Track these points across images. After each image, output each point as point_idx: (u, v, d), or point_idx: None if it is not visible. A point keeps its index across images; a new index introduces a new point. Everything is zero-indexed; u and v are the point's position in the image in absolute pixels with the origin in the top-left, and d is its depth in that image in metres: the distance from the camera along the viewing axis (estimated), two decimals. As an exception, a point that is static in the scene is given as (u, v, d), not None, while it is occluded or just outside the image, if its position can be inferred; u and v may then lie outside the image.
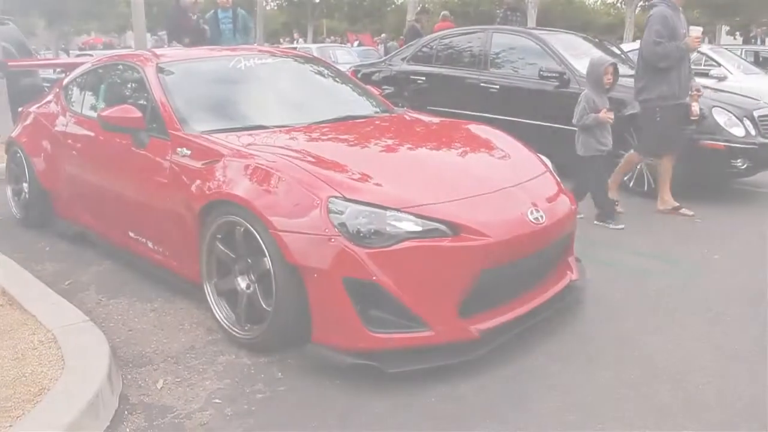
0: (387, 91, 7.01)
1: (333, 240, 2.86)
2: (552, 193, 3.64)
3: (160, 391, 2.90)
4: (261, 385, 2.95)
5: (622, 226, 5.30)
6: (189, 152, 3.60)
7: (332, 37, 35.86)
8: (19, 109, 5.85)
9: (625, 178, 6.34)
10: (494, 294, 3.17)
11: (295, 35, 36.46)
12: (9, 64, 6.79)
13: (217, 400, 2.82)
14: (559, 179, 3.87)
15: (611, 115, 5.27)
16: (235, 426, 2.65)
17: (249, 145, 3.53)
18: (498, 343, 3.10)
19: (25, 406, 2.52)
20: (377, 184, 3.14)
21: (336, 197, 2.96)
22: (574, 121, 5.37)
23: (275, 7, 43.90)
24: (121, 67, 4.84)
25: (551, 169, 3.93)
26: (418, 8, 16.33)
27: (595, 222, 5.36)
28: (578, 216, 3.98)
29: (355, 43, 27.76)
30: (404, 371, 2.90)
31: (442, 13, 15.65)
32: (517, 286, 3.31)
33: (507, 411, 2.74)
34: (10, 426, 2.38)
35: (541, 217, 3.28)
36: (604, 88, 5.39)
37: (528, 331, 3.29)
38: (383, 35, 32.86)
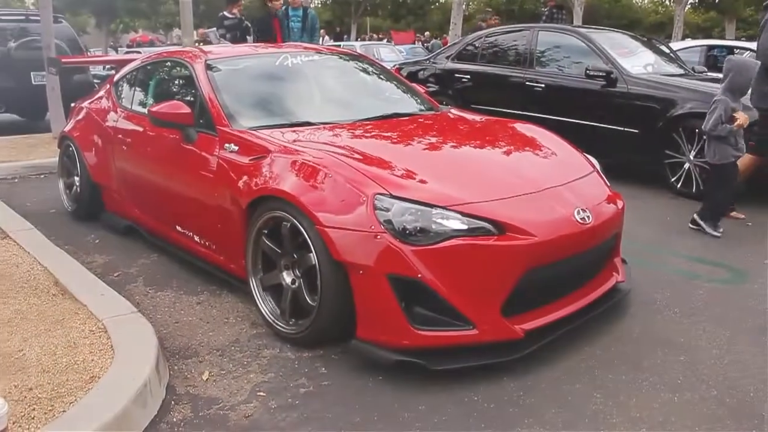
0: (431, 89, 7.01)
1: (379, 237, 2.87)
2: (599, 193, 3.60)
3: (206, 383, 2.94)
4: (305, 380, 2.97)
5: (720, 233, 5.05)
6: (236, 148, 3.65)
7: (379, 35, 35.86)
8: (72, 105, 5.99)
9: (672, 179, 6.23)
10: (539, 294, 3.15)
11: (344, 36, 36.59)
12: (62, 60, 6.96)
13: (261, 393, 2.86)
14: (606, 179, 3.82)
15: (747, 118, 4.91)
16: (279, 419, 2.68)
17: (295, 141, 3.56)
18: (543, 344, 3.08)
19: (77, 393, 2.58)
20: (423, 182, 3.14)
21: (382, 194, 2.97)
22: (706, 128, 4.98)
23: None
24: (170, 64, 4.92)
25: (598, 169, 3.88)
26: (487, 13, 16.17)
27: (695, 216, 5.17)
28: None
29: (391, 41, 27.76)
30: (448, 369, 2.91)
31: (487, 15, 15.59)
32: (563, 286, 3.29)
33: (551, 411, 2.71)
34: (64, 411, 2.44)
35: (588, 217, 3.25)
36: (743, 94, 5.03)
37: (573, 332, 3.25)
38: (426, 33, 32.83)
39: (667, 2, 36.39)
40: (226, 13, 10.00)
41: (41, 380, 2.69)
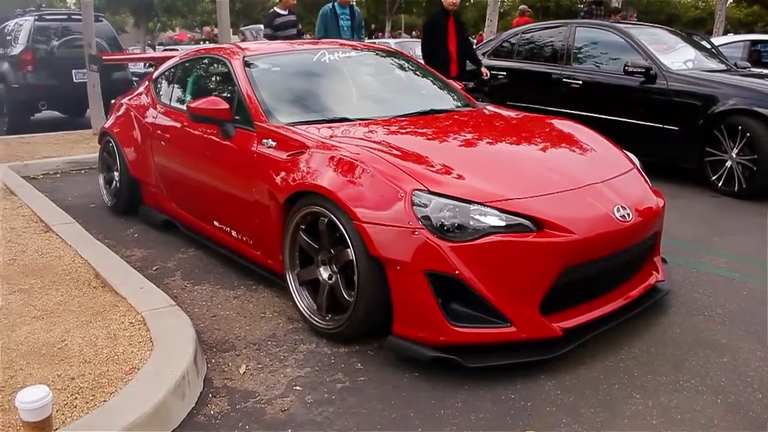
0: (467, 87, 6.97)
1: (416, 233, 2.86)
2: (639, 191, 3.54)
3: (243, 376, 2.96)
4: (341, 375, 2.98)
5: None
6: (274, 143, 3.67)
7: (414, 32, 35.79)
8: (112, 101, 6.09)
9: (713, 178, 6.11)
10: (578, 292, 3.11)
11: (379, 33, 36.56)
12: (104, 58, 7.10)
13: (297, 388, 2.87)
14: (646, 177, 3.76)
15: None
16: (316, 414, 2.68)
17: (332, 137, 3.57)
18: (581, 342, 3.04)
19: (118, 383, 2.63)
20: (461, 178, 3.12)
21: (420, 190, 2.96)
22: None
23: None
24: (208, 60, 4.97)
25: (638, 166, 3.82)
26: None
27: None
28: None
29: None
30: (485, 366, 2.89)
31: (520, 8, 15.44)
32: (602, 284, 3.24)
33: (589, 411, 2.68)
34: (104, 401, 2.48)
35: (628, 215, 3.20)
36: None
37: (612, 331, 3.21)
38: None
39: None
40: (278, 9, 9.24)
41: (83, 370, 2.74)
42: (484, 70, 7.92)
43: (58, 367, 2.77)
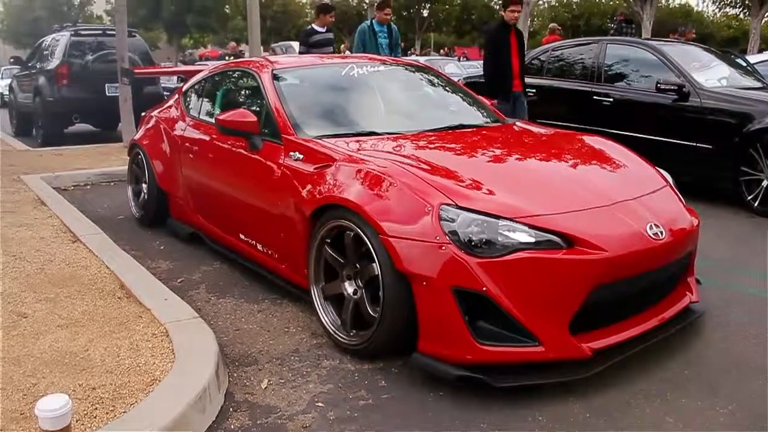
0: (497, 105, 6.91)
1: (443, 248, 2.81)
2: (673, 209, 3.45)
3: (265, 391, 2.92)
4: (364, 392, 2.92)
5: None
6: (301, 156, 3.65)
7: (444, 50, 35.90)
8: (142, 114, 6.14)
9: (749, 197, 5.97)
10: (609, 311, 3.03)
11: (411, 50, 36.70)
12: (135, 71, 7.21)
13: (320, 404, 2.81)
14: (680, 195, 3.67)
15: None
16: (338, 430, 2.62)
17: (360, 150, 3.54)
18: (611, 364, 2.95)
19: (138, 395, 2.60)
20: (489, 193, 3.06)
21: (448, 205, 2.90)
22: None
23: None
24: (237, 73, 4.99)
25: (671, 184, 3.73)
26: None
27: None
28: None
29: (462, 57, 27.65)
30: (512, 386, 2.81)
31: (550, 26, 15.40)
32: (634, 304, 3.15)
33: (621, 436, 2.59)
34: (125, 412, 2.45)
35: (661, 233, 3.11)
36: None
37: (644, 353, 3.11)
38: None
39: (742, 15, 35.21)
40: (315, 26, 9.00)
41: (104, 380, 2.71)
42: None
43: (80, 376, 2.75)
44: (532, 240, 2.84)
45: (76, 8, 39.59)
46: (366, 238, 3.04)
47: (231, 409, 2.77)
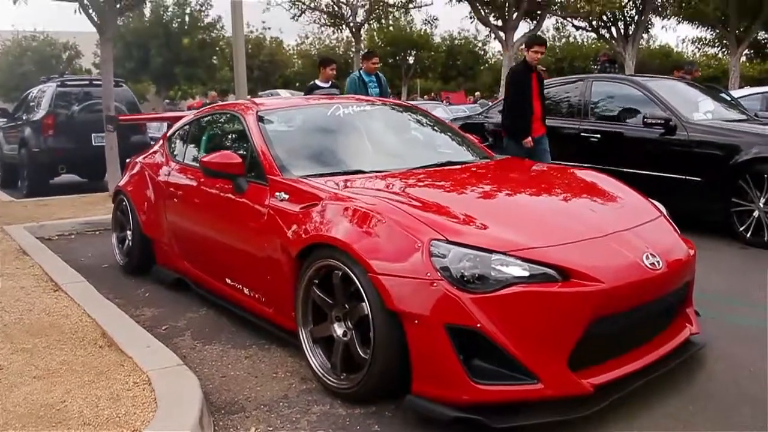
0: (486, 144, 6.88)
1: (435, 284, 2.71)
2: (668, 239, 3.39)
3: (253, 440, 2.78)
4: (356, 438, 2.79)
5: None
6: (287, 196, 3.57)
7: (429, 95, 36.24)
8: (127, 160, 6.07)
9: (741, 228, 5.92)
10: (608, 345, 2.92)
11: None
12: (120, 118, 7.18)
13: (310, 452, 2.68)
14: (674, 225, 3.60)
15: None
16: (330, 480, 2.49)
17: (347, 188, 3.46)
18: (613, 399, 2.83)
19: (118, 448, 2.46)
20: (481, 227, 2.98)
21: (438, 240, 2.82)
22: None
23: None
24: (222, 116, 4.95)
25: (665, 214, 3.67)
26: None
27: None
28: None
29: (445, 102, 27.90)
30: (511, 426, 2.68)
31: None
32: (633, 337, 3.05)
33: (627, 476, 2.46)
34: (102, 469, 2.32)
35: (658, 263, 3.03)
36: None
37: (645, 388, 3.00)
38: (477, 93, 33.10)
39: (720, 55, 35.84)
40: (318, 81, 8.70)
41: (81, 434, 2.57)
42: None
43: (56, 429, 2.61)
44: (527, 273, 2.75)
45: (64, 62, 39.90)
46: (355, 277, 2.94)
47: (216, 460, 2.63)
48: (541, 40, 7.43)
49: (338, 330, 3.17)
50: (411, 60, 40.98)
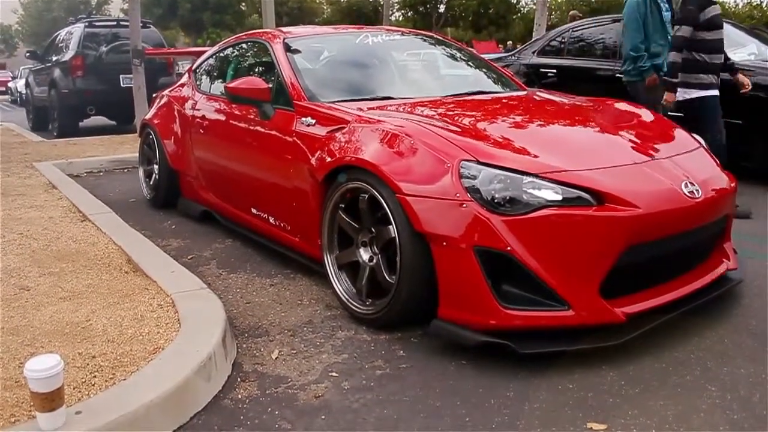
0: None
1: (465, 206, 2.61)
2: (708, 168, 3.25)
3: (275, 362, 2.75)
4: (381, 362, 2.74)
5: None
6: (313, 121, 3.48)
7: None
8: (153, 95, 6.01)
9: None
10: (643, 274, 2.82)
11: None
12: (146, 51, 7.10)
13: (333, 374, 2.64)
14: (714, 157, 3.45)
15: None
16: (352, 400, 2.45)
17: (375, 111, 3.35)
18: (645, 330, 2.74)
19: (140, 362, 2.44)
20: (513, 149, 2.86)
21: (469, 161, 2.71)
22: None
23: (400, 17, 44.27)
24: (248, 45, 4.84)
25: (705, 147, 3.51)
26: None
27: None
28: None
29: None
30: (539, 353, 2.61)
31: (570, 13, 15.11)
32: (669, 267, 2.94)
33: (658, 403, 2.38)
34: (124, 379, 2.30)
35: (697, 191, 2.90)
36: None
37: (679, 320, 2.91)
38: (509, 43, 32.43)
39: (763, 5, 34.57)
40: None
41: (105, 349, 2.56)
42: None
43: (80, 345, 2.60)
44: (560, 197, 2.64)
45: (93, 8, 39.83)
46: (382, 199, 2.86)
47: (239, 379, 2.60)
48: None
49: (364, 255, 3.10)
50: (441, 8, 40.16)
